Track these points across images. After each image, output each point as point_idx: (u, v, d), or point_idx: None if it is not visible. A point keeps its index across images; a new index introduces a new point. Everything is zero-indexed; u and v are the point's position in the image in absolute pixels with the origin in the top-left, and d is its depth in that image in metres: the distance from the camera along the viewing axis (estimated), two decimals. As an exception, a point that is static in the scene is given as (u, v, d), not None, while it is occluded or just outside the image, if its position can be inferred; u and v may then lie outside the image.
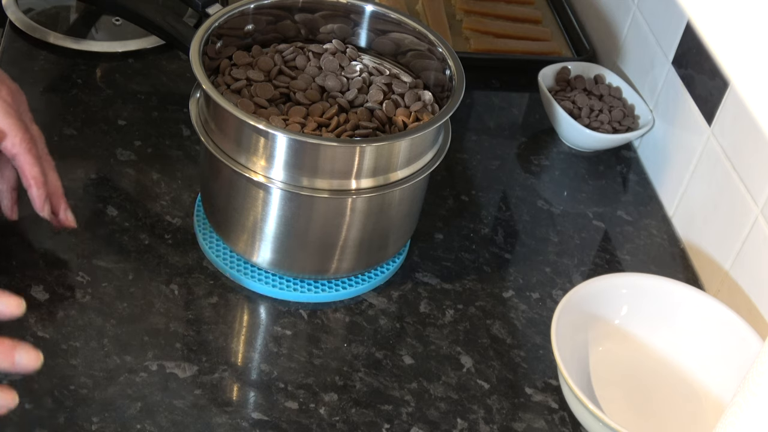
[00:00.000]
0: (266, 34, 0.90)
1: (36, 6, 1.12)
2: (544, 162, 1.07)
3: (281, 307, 0.85)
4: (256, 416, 0.76)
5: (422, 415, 0.78)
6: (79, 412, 0.73)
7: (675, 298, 0.85)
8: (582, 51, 1.20)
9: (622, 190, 1.05)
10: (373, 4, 0.90)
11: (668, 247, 0.99)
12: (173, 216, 0.91)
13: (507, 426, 0.79)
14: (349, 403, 0.78)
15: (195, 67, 0.78)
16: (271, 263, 0.85)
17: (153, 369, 0.77)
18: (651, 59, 1.09)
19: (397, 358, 0.82)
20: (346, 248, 0.84)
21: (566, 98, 1.09)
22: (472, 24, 1.21)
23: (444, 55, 0.86)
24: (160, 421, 0.74)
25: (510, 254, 0.94)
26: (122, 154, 0.96)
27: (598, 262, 0.96)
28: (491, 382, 0.82)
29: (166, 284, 0.84)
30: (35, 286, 0.82)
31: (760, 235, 0.86)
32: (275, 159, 0.77)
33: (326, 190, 0.78)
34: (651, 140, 1.07)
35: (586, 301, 0.83)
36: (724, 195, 0.92)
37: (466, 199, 1.00)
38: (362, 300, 0.87)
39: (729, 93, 0.92)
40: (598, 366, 0.84)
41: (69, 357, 0.77)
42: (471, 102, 1.14)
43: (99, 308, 0.81)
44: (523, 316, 0.88)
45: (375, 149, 0.78)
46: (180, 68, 1.07)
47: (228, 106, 0.76)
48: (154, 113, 1.02)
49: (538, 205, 1.01)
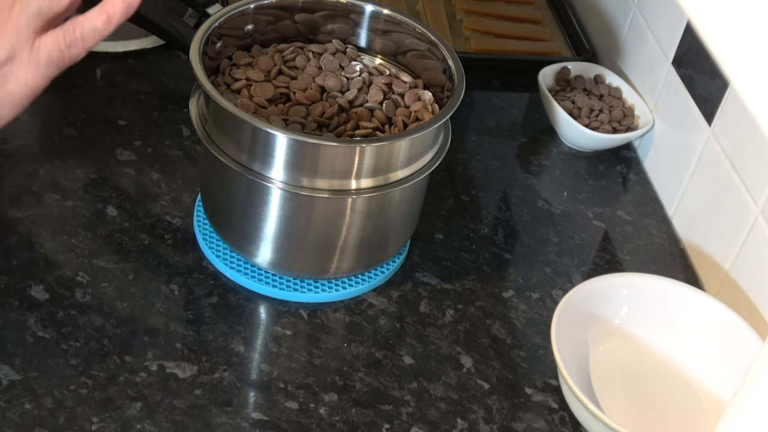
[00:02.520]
0: (266, 34, 0.90)
1: (36, 6, 1.11)
2: (544, 162, 1.07)
3: (281, 307, 0.85)
4: (256, 416, 0.76)
5: (422, 415, 0.78)
6: (79, 412, 0.73)
7: (675, 298, 0.85)
8: (582, 51, 1.20)
9: (622, 190, 1.05)
10: (373, 4, 0.90)
11: (668, 247, 0.99)
12: (173, 216, 0.91)
13: (507, 426, 0.79)
14: (349, 403, 0.78)
15: (195, 67, 0.78)
16: (271, 263, 0.85)
17: (153, 369, 0.77)
18: (651, 59, 1.09)
19: (397, 358, 0.82)
20: (346, 248, 0.84)
21: (566, 98, 1.09)
22: (472, 24, 1.21)
23: (444, 55, 0.86)
24: (160, 421, 0.74)
25: (510, 254, 0.94)
26: (122, 154, 0.96)
27: (598, 262, 0.96)
28: (491, 382, 0.82)
29: (166, 284, 0.84)
30: (35, 286, 0.82)
31: (760, 235, 0.86)
32: (275, 159, 0.77)
33: (326, 190, 0.78)
34: (651, 140, 1.07)
35: (586, 301, 0.83)
36: (724, 195, 0.92)
37: (466, 199, 1.00)
38: (362, 300, 0.87)
39: (729, 93, 0.92)
40: (598, 366, 0.84)
41: (69, 357, 0.77)
42: (471, 102, 1.14)
43: (99, 308, 0.81)
44: (523, 316, 0.88)
45: (375, 149, 0.78)
46: (180, 68, 1.07)
47: (228, 106, 0.76)
48: (154, 113, 1.02)
49: (538, 205, 1.01)
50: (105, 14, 0.69)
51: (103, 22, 0.69)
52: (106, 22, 0.69)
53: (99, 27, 0.69)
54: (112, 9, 0.69)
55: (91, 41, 0.69)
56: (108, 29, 0.69)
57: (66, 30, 0.68)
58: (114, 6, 0.69)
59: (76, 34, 0.68)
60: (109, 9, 0.69)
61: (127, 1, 0.69)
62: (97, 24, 0.69)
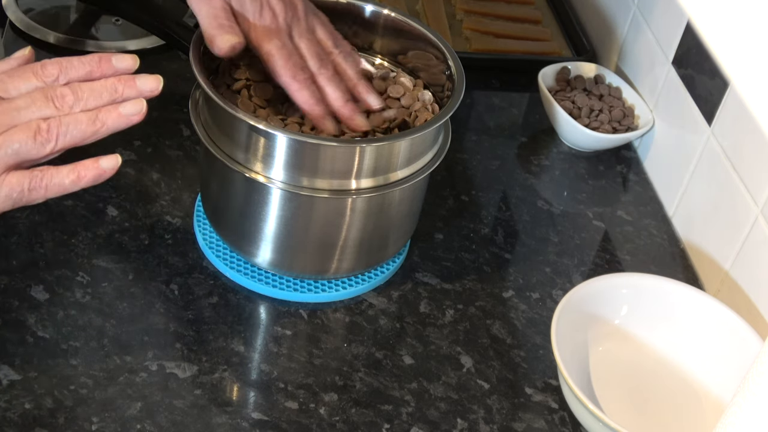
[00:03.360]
0: (266, 34, 0.90)
1: (36, 6, 1.12)
2: (544, 162, 1.07)
3: (281, 307, 0.85)
4: (256, 416, 0.76)
5: (422, 415, 0.78)
6: (79, 412, 0.73)
7: (675, 298, 0.85)
8: (582, 51, 1.20)
9: (622, 190, 1.05)
10: (373, 4, 0.90)
11: (668, 247, 0.99)
12: (173, 216, 0.91)
13: (507, 426, 0.79)
14: (349, 403, 0.78)
15: (195, 67, 0.78)
16: (271, 263, 0.85)
17: (153, 369, 0.77)
18: (651, 59, 1.09)
19: (397, 358, 0.82)
20: (346, 248, 0.84)
21: (566, 98, 1.09)
22: (472, 24, 1.21)
23: (444, 55, 0.86)
24: (160, 421, 0.74)
25: (510, 254, 0.94)
26: (122, 154, 0.96)
27: (598, 262, 0.96)
28: (491, 382, 0.82)
29: (166, 284, 0.84)
30: (35, 286, 0.82)
31: (760, 235, 0.86)
32: (275, 159, 0.77)
33: (326, 190, 0.78)
34: (651, 140, 1.07)
35: (586, 301, 0.83)
36: (724, 195, 0.92)
37: (466, 199, 1.00)
38: (362, 300, 0.87)
39: (729, 93, 0.92)
40: (598, 366, 0.84)
41: (69, 357, 0.77)
42: (471, 102, 1.14)
43: (99, 308, 0.81)
44: (523, 316, 0.88)
45: (375, 149, 0.78)
46: (180, 68, 1.07)
47: (228, 106, 0.76)
48: (154, 113, 1.01)
49: (538, 205, 1.01)
50: (76, 174, 0.68)
51: (72, 180, 0.68)
52: (75, 182, 0.68)
53: (66, 183, 0.68)
54: (84, 172, 0.68)
55: (53, 193, 0.68)
56: (74, 188, 0.68)
57: (34, 175, 0.67)
58: (87, 169, 0.68)
59: (42, 182, 0.67)
60: (81, 170, 0.68)
61: (99, 170, 0.68)
62: (65, 180, 0.68)
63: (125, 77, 0.70)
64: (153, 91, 0.71)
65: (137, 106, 0.70)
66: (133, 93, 0.70)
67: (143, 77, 0.71)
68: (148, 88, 0.71)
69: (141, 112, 0.70)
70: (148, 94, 0.71)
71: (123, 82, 0.70)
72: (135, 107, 0.70)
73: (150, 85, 0.71)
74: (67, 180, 0.68)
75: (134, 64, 0.72)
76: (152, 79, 0.71)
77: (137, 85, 0.70)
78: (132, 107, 0.70)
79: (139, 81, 0.70)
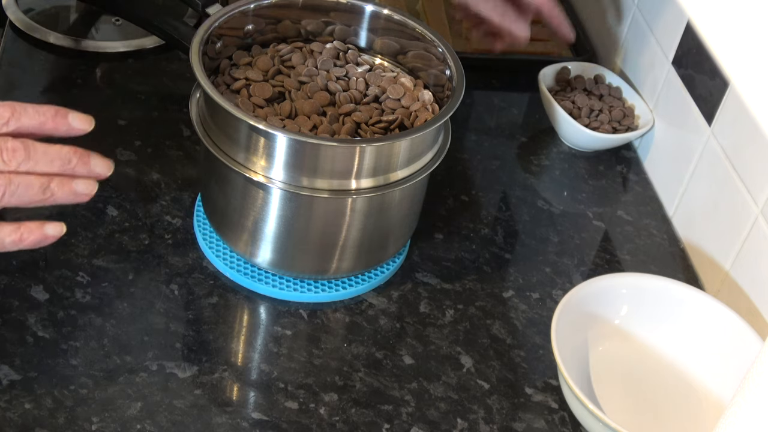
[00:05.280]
0: (266, 34, 0.90)
1: (36, 6, 1.12)
2: (544, 162, 1.07)
3: (281, 307, 0.85)
4: (256, 416, 0.76)
5: (422, 415, 0.78)
6: (79, 412, 0.73)
7: (675, 298, 0.85)
8: (582, 51, 1.20)
9: (622, 190, 1.05)
10: (373, 4, 0.90)
11: (668, 247, 0.99)
12: (173, 216, 0.91)
13: (507, 426, 0.79)
14: (349, 403, 0.78)
15: (195, 67, 0.78)
16: (271, 263, 0.85)
17: (153, 369, 0.77)
18: (651, 59, 1.09)
19: (397, 358, 0.82)
20: (346, 248, 0.84)
21: (566, 98, 1.09)
22: (472, 24, 1.21)
23: (444, 55, 0.86)
24: (160, 421, 0.74)
25: (510, 254, 0.94)
26: (122, 154, 0.96)
27: (598, 262, 0.96)
28: (491, 382, 0.82)
29: (166, 284, 0.84)
30: (35, 286, 0.82)
31: (760, 235, 0.86)
32: (275, 159, 0.77)
33: (326, 190, 0.78)
34: (651, 140, 1.07)
35: (586, 301, 0.83)
36: (724, 195, 0.92)
37: (466, 199, 1.00)
38: (362, 300, 0.87)
39: (729, 93, 0.92)
40: (598, 366, 0.84)
41: (69, 357, 0.77)
42: (471, 102, 1.14)
43: (99, 308, 0.81)
44: (523, 316, 0.88)
45: (375, 149, 0.78)
46: (180, 68, 1.07)
47: (228, 106, 0.76)
48: (154, 113, 1.02)
49: (538, 205, 1.01)
50: (18, 235, 0.66)
51: (13, 241, 0.66)
52: (15, 242, 0.67)
53: (6, 242, 0.66)
54: (27, 235, 0.67)
55: None
56: (13, 248, 0.67)
57: None
58: (30, 233, 0.67)
59: None
60: (24, 232, 0.67)
61: (42, 236, 0.67)
62: (6, 240, 0.66)
63: (81, 151, 0.68)
64: (100, 176, 0.69)
65: (90, 187, 0.68)
66: (83, 171, 0.68)
67: (97, 158, 0.68)
68: (98, 170, 0.68)
69: (91, 194, 0.68)
70: (96, 176, 0.68)
71: (78, 156, 0.67)
72: (88, 188, 0.68)
73: (101, 168, 0.69)
74: (8, 239, 0.66)
75: (90, 126, 0.69)
76: (105, 162, 0.69)
77: (90, 163, 0.68)
78: (85, 187, 0.68)
79: (93, 160, 0.68)
